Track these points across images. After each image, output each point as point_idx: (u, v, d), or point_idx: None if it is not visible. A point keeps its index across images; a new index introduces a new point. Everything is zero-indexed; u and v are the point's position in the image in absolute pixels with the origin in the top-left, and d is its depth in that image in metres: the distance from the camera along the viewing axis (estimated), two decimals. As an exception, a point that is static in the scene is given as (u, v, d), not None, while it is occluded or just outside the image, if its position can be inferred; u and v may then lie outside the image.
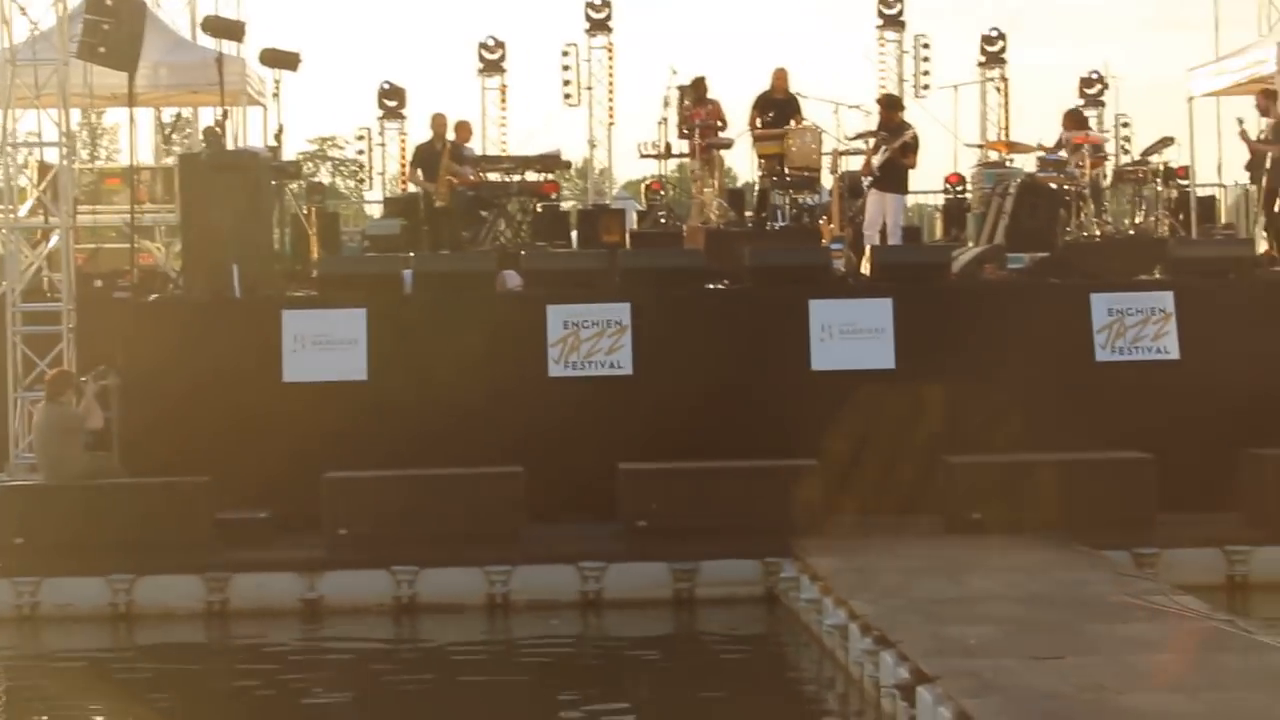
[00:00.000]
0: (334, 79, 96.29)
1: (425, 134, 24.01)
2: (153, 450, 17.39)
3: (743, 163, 30.40)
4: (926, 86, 33.33)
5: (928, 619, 12.31)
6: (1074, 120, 23.42)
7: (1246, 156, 22.49)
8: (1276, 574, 15.97)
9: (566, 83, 33.12)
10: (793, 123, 23.70)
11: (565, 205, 30.71)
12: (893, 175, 21.70)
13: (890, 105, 22.80)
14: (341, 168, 68.06)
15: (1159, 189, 22.83)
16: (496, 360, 17.82)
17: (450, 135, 24.15)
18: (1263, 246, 21.02)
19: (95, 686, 13.80)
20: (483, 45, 34.18)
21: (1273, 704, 9.80)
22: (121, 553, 15.91)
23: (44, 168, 21.01)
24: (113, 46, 18.81)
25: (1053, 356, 17.90)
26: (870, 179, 21.89)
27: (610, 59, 32.75)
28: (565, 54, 33.06)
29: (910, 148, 21.62)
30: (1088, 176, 21.90)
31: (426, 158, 23.65)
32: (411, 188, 26.32)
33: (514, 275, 19.55)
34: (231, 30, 22.14)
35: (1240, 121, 22.26)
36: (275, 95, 22.82)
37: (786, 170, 23.29)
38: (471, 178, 23.73)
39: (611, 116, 32.87)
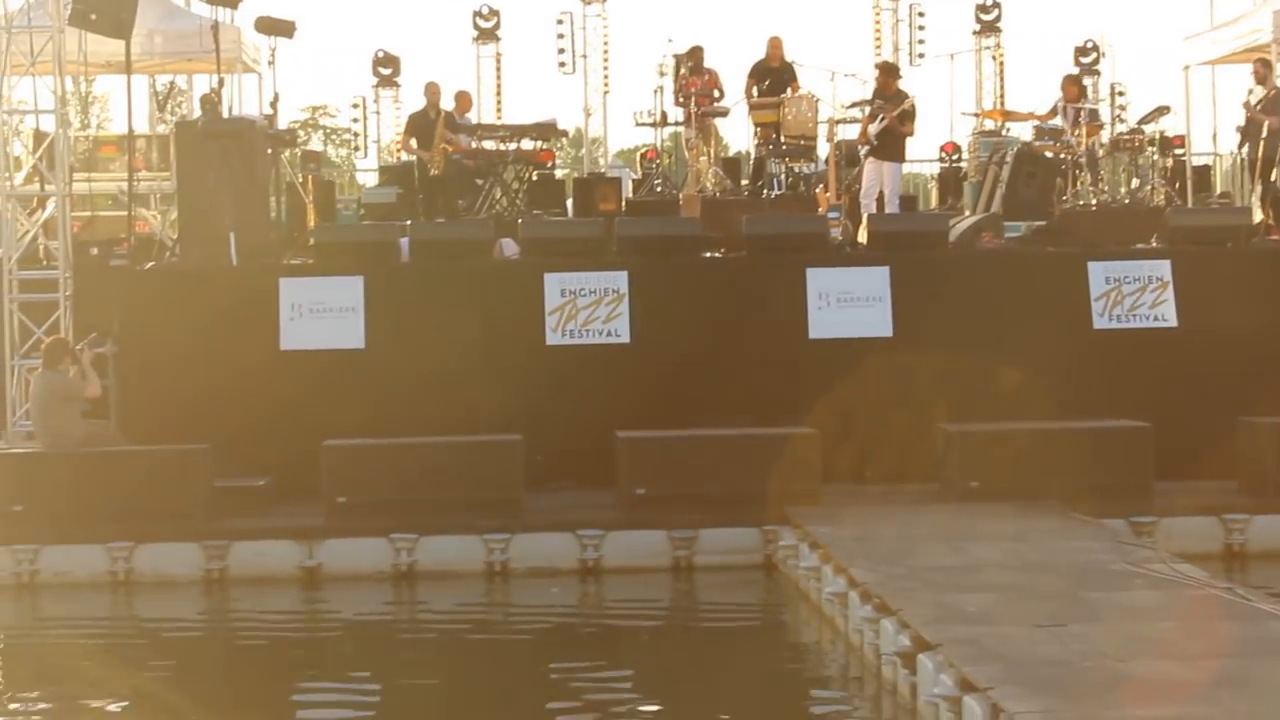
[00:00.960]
0: (329, 47, 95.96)
1: (420, 102, 23.94)
2: (150, 418, 17.40)
3: (739, 131, 30.43)
4: (922, 55, 33.24)
5: (928, 587, 12.32)
6: (1074, 85, 23.41)
7: (1241, 124, 22.46)
8: (1274, 542, 16.03)
9: (561, 51, 33.04)
10: (789, 91, 23.67)
11: (560, 174, 30.67)
12: (890, 143, 21.70)
13: (889, 72, 22.83)
14: (334, 136, 67.91)
15: (1155, 158, 22.82)
16: (494, 328, 17.83)
17: (449, 105, 24.11)
18: (1259, 216, 21.01)
19: (94, 655, 13.80)
20: (477, 13, 34.07)
21: (1274, 671, 9.82)
22: (120, 520, 15.91)
23: (39, 135, 20.96)
24: (105, 13, 18.75)
25: (1050, 324, 17.92)
26: (867, 147, 21.89)
27: (605, 27, 32.68)
28: (560, 22, 32.97)
29: (908, 115, 21.63)
30: (1084, 145, 21.90)
31: (420, 126, 23.60)
32: (405, 156, 26.28)
33: (511, 243, 19.53)
34: (226, -2, 22.05)
35: (1249, 91, 22.23)
36: (270, 63, 22.72)
37: (782, 139, 23.26)
38: (472, 145, 23.69)
39: (606, 85, 32.81)
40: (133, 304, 18.06)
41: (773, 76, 24.01)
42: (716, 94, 24.59)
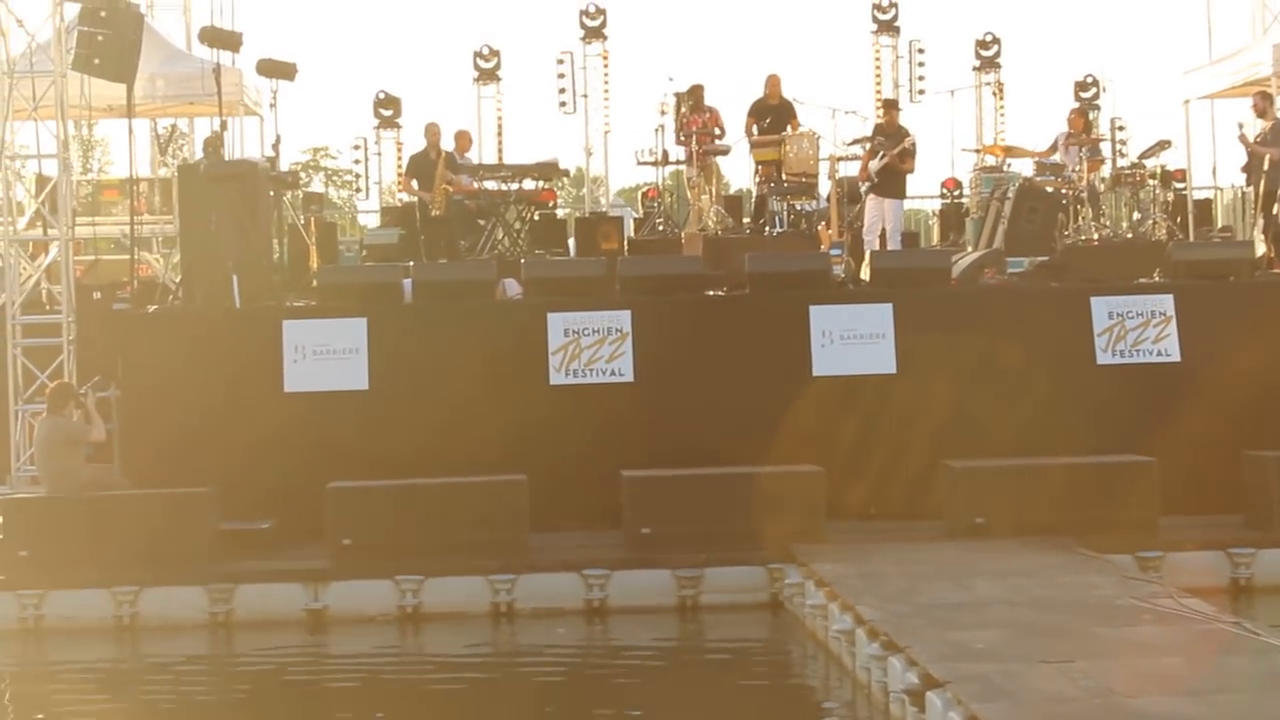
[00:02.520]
0: (330, 89, 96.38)
1: (420, 143, 23.95)
2: (154, 462, 17.39)
3: (740, 169, 30.45)
4: (922, 91, 33.24)
5: (935, 624, 12.30)
6: (1080, 117, 23.48)
7: (1243, 159, 22.49)
8: (1280, 576, 16.01)
9: (562, 90, 33.05)
10: (789, 128, 23.71)
11: (562, 213, 30.70)
12: (891, 180, 21.77)
13: (892, 107, 22.93)
14: (335, 177, 68.00)
15: (1156, 192, 22.84)
16: (498, 368, 17.83)
17: (449, 145, 24.13)
18: (1261, 249, 21.01)
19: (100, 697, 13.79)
20: (478, 54, 34.10)
21: (1283, 706, 9.80)
22: (125, 564, 15.90)
23: (42, 180, 21.00)
24: (108, 58, 18.78)
25: (1054, 360, 17.90)
26: (868, 184, 21.93)
27: (605, 66, 32.65)
28: (560, 62, 32.95)
29: (909, 153, 21.68)
30: (1085, 180, 21.93)
31: (421, 167, 23.61)
32: (404, 197, 26.29)
33: (514, 283, 19.55)
34: (228, 41, 22.09)
35: (1241, 125, 22.27)
36: (272, 105, 22.74)
37: (784, 176, 23.29)
38: (474, 185, 23.70)
39: (607, 124, 32.81)
40: (136, 347, 18.05)
41: (772, 114, 24.06)
42: (717, 132, 24.64)
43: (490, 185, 23.95)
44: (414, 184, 23.75)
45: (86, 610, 15.83)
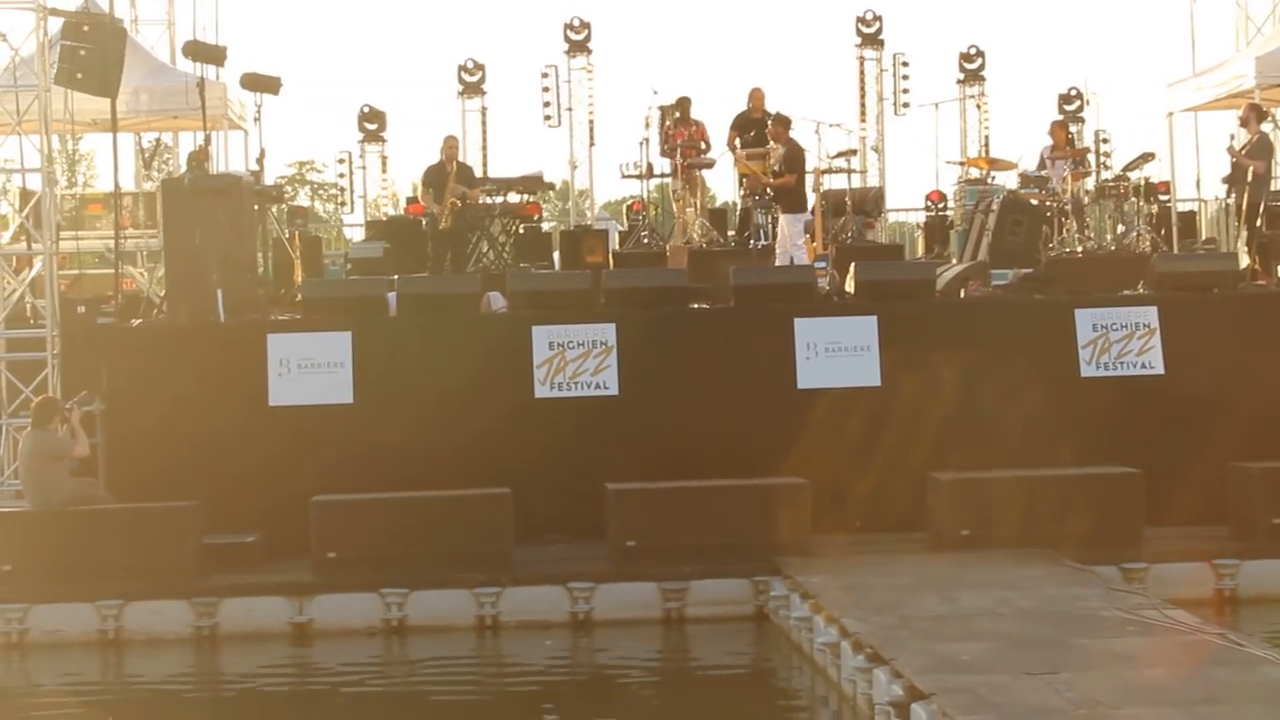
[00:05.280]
0: (315, 102, 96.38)
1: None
2: (139, 475, 17.34)
3: (724, 182, 30.47)
4: (906, 104, 33.28)
5: (920, 636, 12.32)
6: (1062, 130, 23.52)
7: (1226, 170, 22.53)
8: (1265, 587, 16.04)
9: (547, 104, 33.06)
10: (773, 142, 23.72)
11: (547, 226, 30.72)
12: (783, 195, 21.72)
13: (781, 123, 22.56)
14: (320, 191, 68.01)
15: (1140, 204, 22.88)
16: (483, 381, 17.81)
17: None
18: (1245, 261, 21.05)
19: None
20: (462, 68, 34.11)
21: (1267, 717, 9.81)
22: (109, 578, 15.87)
23: (26, 194, 20.97)
24: (91, 72, 18.78)
25: (1038, 372, 17.90)
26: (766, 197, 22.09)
27: (590, 80, 32.70)
28: (545, 75, 32.98)
29: (788, 168, 21.62)
30: (1069, 193, 21.98)
31: (436, 179, 23.58)
32: (390, 211, 26.28)
33: (498, 296, 19.55)
34: (212, 55, 22.08)
35: (1232, 138, 22.31)
36: (256, 119, 22.73)
37: (768, 189, 23.30)
38: (484, 200, 23.69)
39: (592, 137, 32.82)
40: (120, 361, 18.02)
41: (756, 128, 24.10)
42: (703, 145, 24.66)
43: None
44: (430, 195, 23.66)
45: (71, 625, 15.79)
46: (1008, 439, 17.49)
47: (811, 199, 23.15)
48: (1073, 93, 33.39)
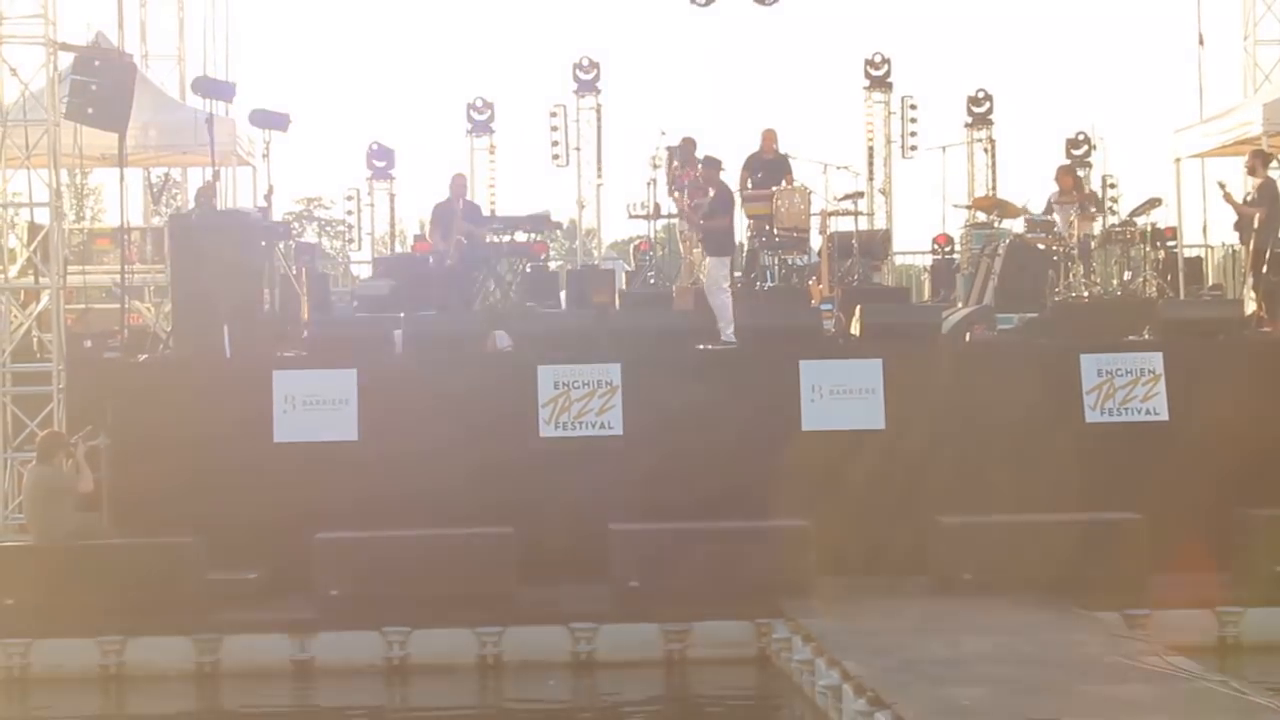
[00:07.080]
0: (323, 139, 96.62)
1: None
2: (143, 511, 17.35)
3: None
4: (914, 147, 33.39)
5: (922, 680, 12.30)
6: (1068, 175, 23.52)
7: (1234, 217, 22.52)
8: (1268, 635, 15.99)
9: (555, 143, 33.17)
10: (782, 183, 23.74)
11: (554, 266, 30.74)
12: (707, 238, 21.13)
13: (711, 165, 22.10)
14: (328, 228, 68.14)
15: (1146, 250, 22.87)
16: (487, 420, 17.82)
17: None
18: (1251, 307, 21.04)
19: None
20: (471, 106, 34.26)
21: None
22: (112, 614, 15.86)
23: (34, 228, 21.00)
24: (101, 107, 18.83)
25: (1043, 417, 17.91)
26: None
27: (598, 119, 32.81)
28: (554, 114, 33.11)
29: (714, 211, 21.10)
30: (1075, 237, 21.97)
31: (444, 217, 23.58)
32: (399, 248, 26.28)
33: (504, 335, 19.55)
34: (221, 91, 22.12)
35: (1222, 185, 22.32)
36: (265, 156, 22.72)
37: (775, 230, 23.30)
38: (491, 239, 23.66)
39: (600, 177, 32.92)
40: (126, 396, 18.04)
41: (766, 168, 24.09)
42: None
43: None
44: (437, 234, 23.64)
45: (72, 660, 15.79)
46: (1012, 484, 17.46)
47: (818, 241, 23.17)
48: (1080, 137, 33.48)
